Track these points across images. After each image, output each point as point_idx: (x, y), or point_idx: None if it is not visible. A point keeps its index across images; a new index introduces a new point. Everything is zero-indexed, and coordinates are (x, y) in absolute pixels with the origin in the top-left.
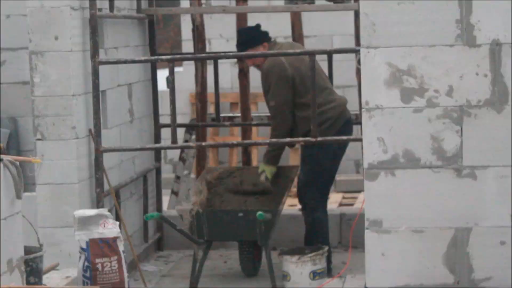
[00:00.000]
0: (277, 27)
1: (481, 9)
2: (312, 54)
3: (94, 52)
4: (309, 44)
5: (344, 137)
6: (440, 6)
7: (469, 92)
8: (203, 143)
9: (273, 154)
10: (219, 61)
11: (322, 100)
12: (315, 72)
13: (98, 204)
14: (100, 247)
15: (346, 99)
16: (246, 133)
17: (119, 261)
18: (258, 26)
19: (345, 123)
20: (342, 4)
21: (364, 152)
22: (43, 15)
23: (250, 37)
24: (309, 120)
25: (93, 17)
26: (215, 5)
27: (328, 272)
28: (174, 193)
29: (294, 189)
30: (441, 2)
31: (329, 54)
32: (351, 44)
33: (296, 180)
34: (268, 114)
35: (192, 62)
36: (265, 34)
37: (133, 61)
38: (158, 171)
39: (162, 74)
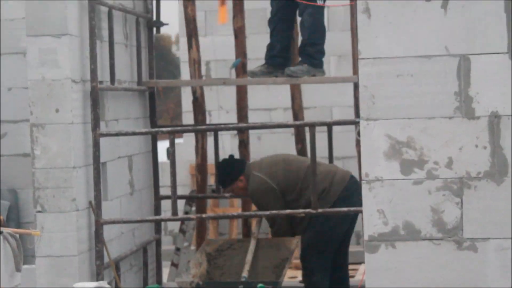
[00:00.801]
0: (277, 98)
1: (479, 81)
2: (312, 126)
3: (95, 125)
4: (309, 116)
5: (345, 209)
6: (438, 78)
7: (469, 164)
8: (204, 215)
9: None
10: (220, 132)
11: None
12: (315, 144)
13: (97, 276)
14: None
15: (335, 167)
16: (246, 205)
17: None
18: (231, 159)
19: (344, 191)
20: (341, 76)
21: (365, 224)
22: (44, 88)
23: (226, 176)
24: (305, 204)
25: (94, 90)
26: (215, 77)
27: None
28: (174, 265)
29: (295, 261)
30: (440, 75)
31: (329, 125)
32: (351, 115)
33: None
34: None
35: (193, 133)
36: (240, 167)
37: (134, 133)
38: (158, 243)
39: (163, 145)
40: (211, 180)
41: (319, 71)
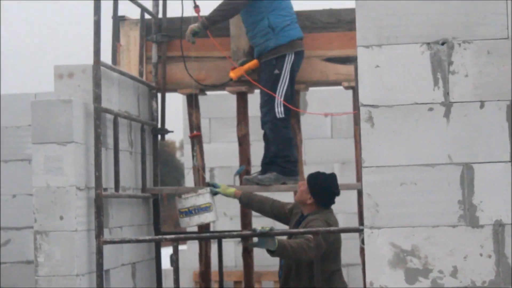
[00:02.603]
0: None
1: (483, 190)
2: (316, 233)
3: (99, 232)
4: None
5: None
6: (442, 187)
7: (474, 272)
8: None
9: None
10: (223, 239)
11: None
12: (320, 252)
13: None
14: None
15: None
16: None
17: None
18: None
19: None
20: (345, 184)
21: None
22: (49, 195)
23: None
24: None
25: (98, 197)
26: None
27: None
28: None
29: None
30: (443, 183)
31: (333, 232)
32: (355, 222)
33: None
34: None
35: (196, 241)
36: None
37: (138, 241)
38: None
39: (166, 252)
40: None
41: (290, 179)
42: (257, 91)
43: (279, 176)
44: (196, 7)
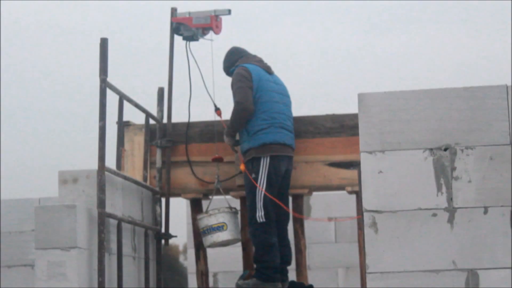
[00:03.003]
0: None
1: None
2: None
3: None
4: None
5: None
6: None
7: None
8: None
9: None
10: None
11: None
12: None
13: None
14: None
15: None
16: None
17: None
18: None
19: None
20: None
21: None
22: None
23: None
24: None
25: None
26: None
27: None
28: None
29: None
30: None
31: None
32: None
33: None
34: None
35: None
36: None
37: None
38: None
39: None
40: None
41: (270, 285)
42: None
43: (257, 282)
44: (217, 110)
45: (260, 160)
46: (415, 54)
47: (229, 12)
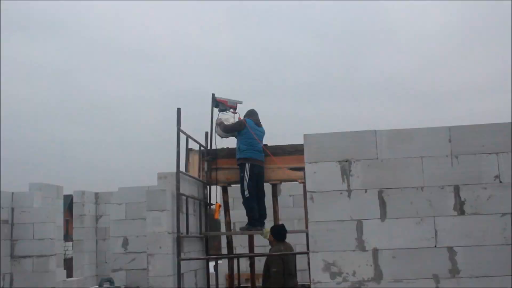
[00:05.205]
0: None
1: None
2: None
3: (178, 254)
4: None
5: None
6: None
7: None
8: None
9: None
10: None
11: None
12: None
13: None
14: None
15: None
16: None
17: None
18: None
19: None
20: None
21: None
22: (154, 236)
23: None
24: None
25: (178, 237)
26: None
27: None
28: None
29: None
30: None
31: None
32: None
33: None
34: None
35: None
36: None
37: (196, 258)
38: None
39: (211, 264)
40: None
41: (253, 228)
42: None
43: (248, 227)
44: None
45: (244, 165)
46: None
47: (241, 102)
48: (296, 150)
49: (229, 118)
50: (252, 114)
